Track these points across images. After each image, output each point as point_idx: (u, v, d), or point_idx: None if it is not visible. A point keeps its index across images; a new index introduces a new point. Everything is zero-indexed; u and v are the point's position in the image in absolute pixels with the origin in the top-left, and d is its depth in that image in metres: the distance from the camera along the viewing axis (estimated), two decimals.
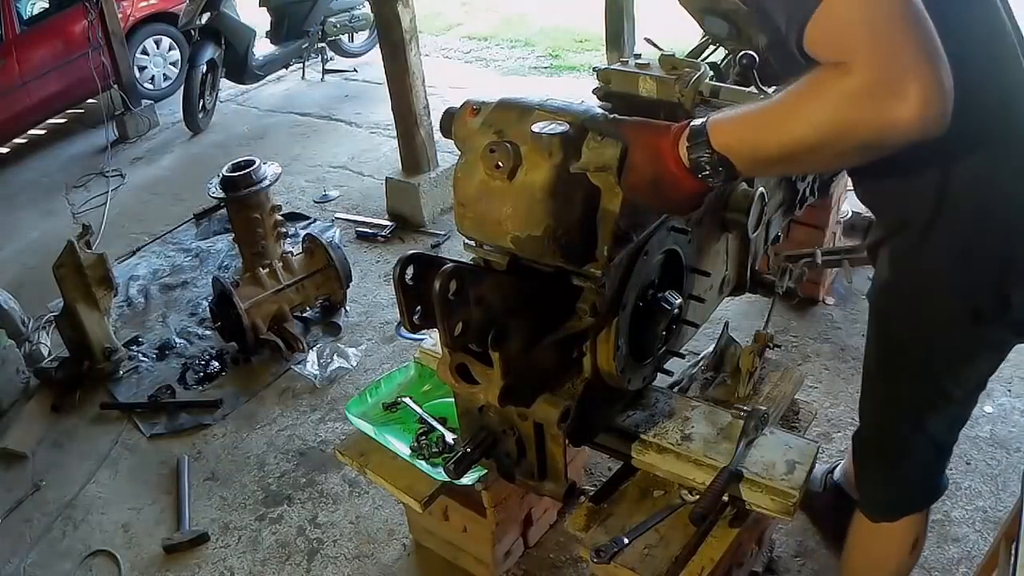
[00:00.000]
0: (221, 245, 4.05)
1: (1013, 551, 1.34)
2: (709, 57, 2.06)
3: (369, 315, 3.36)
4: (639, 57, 1.72)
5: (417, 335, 2.64)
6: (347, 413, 2.09)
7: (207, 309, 3.28)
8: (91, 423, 2.99)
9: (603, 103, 1.70)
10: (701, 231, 1.61)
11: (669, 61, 1.65)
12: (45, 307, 3.53)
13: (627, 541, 1.58)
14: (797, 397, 2.03)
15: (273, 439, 2.78)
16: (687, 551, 1.56)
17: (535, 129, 1.23)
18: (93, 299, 3.09)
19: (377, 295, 3.48)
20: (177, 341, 3.37)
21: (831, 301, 3.00)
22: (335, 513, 2.44)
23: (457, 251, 2.86)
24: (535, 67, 6.14)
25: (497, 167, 1.25)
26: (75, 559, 2.44)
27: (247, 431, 2.83)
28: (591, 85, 1.78)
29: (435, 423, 2.03)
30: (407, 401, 2.11)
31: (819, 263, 2.67)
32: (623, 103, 1.64)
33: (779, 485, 1.51)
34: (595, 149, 1.23)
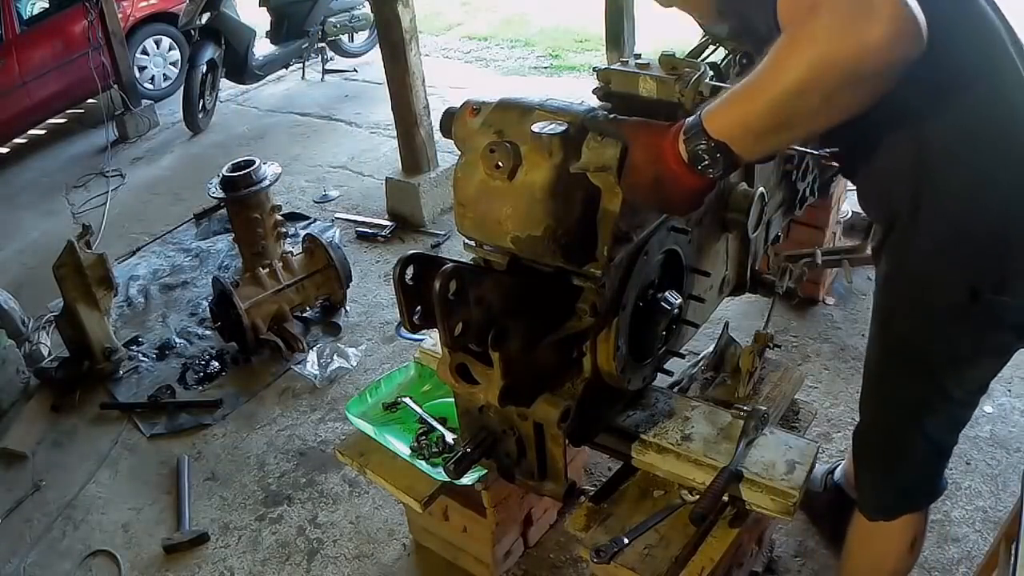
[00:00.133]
0: (221, 245, 4.05)
1: (1013, 551, 1.34)
2: (709, 57, 2.06)
3: (369, 315, 3.36)
4: (639, 57, 1.72)
5: (417, 335, 2.63)
6: (347, 413, 2.10)
7: (207, 309, 3.29)
8: (91, 423, 2.99)
9: (603, 103, 1.70)
10: (701, 231, 1.61)
11: (669, 61, 1.65)
12: (45, 307, 3.52)
13: (627, 541, 1.58)
14: (797, 397, 2.03)
15: (273, 439, 2.78)
16: (687, 551, 1.56)
17: (535, 129, 1.24)
18: (93, 299, 3.10)
19: (377, 295, 3.48)
20: (177, 341, 3.37)
21: (831, 301, 3.00)
22: (335, 513, 2.44)
23: (457, 251, 2.86)
24: (535, 67, 6.14)
25: (497, 167, 1.25)
26: (75, 559, 2.44)
27: (247, 431, 2.84)
28: (591, 85, 1.77)
29: (435, 423, 2.03)
30: (407, 401, 2.11)
31: (819, 263, 2.68)
32: (623, 103, 1.64)
33: (779, 485, 1.51)
34: (595, 149, 1.23)
